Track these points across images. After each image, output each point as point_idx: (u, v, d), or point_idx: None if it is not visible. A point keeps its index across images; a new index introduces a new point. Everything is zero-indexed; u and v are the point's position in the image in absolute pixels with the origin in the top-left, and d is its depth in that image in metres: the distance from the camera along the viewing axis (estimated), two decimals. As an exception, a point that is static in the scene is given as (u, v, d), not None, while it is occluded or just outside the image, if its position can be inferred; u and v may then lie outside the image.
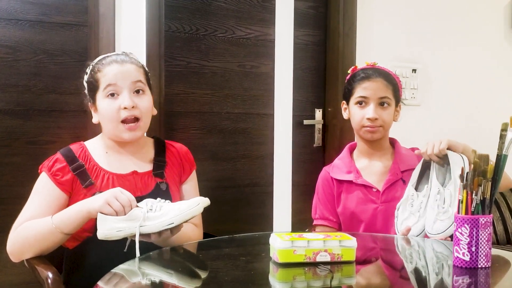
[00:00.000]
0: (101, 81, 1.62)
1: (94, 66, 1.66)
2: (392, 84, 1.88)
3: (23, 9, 2.09)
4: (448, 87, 2.99)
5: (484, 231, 1.26)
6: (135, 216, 1.42)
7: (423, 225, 1.66)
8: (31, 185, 1.63)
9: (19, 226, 1.54)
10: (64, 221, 1.48)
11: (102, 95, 1.62)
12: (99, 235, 1.43)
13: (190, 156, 1.79)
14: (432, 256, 1.55)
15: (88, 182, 1.59)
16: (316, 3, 2.74)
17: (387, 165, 1.89)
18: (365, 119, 1.83)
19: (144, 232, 1.42)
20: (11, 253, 1.55)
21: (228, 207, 2.52)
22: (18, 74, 2.09)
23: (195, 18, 2.44)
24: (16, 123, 2.09)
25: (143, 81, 1.66)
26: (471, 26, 3.05)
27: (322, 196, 1.94)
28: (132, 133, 1.62)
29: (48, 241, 1.50)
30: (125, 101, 1.59)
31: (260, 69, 2.60)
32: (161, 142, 1.77)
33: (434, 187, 1.68)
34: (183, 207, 1.45)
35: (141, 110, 1.63)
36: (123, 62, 1.64)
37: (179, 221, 1.43)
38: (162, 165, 1.70)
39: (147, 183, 1.65)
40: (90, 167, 1.62)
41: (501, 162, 1.33)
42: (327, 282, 1.24)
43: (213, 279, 1.31)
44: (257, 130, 2.60)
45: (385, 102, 1.85)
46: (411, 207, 1.70)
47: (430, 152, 1.69)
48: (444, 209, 1.62)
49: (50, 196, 1.57)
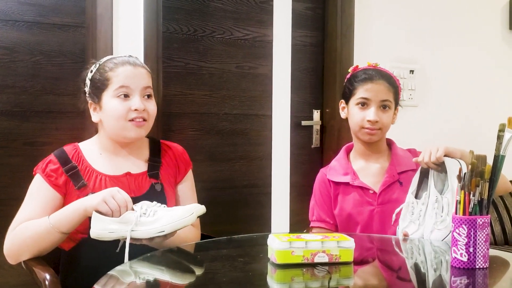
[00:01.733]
0: (113, 81, 1.61)
1: (104, 64, 1.65)
2: (394, 87, 1.87)
3: (20, 10, 2.08)
4: (445, 88, 2.99)
5: (482, 231, 1.26)
6: (128, 220, 1.42)
7: (423, 233, 1.66)
8: (28, 186, 1.62)
9: (15, 228, 1.54)
10: (61, 220, 1.48)
11: (111, 94, 1.61)
12: (92, 233, 1.43)
13: (186, 156, 1.78)
14: (430, 257, 1.55)
15: (80, 184, 1.59)
16: (314, 4, 2.74)
17: (383, 166, 1.89)
18: (365, 120, 1.83)
19: (135, 237, 1.42)
20: (8, 255, 1.55)
21: (226, 208, 2.51)
22: (15, 75, 2.08)
23: (193, 19, 2.44)
24: (14, 124, 2.09)
25: (152, 86, 1.68)
26: (469, 27, 3.06)
27: (319, 198, 1.93)
28: (138, 130, 1.62)
29: (45, 241, 1.50)
30: (137, 103, 1.60)
31: (258, 70, 2.60)
32: (156, 142, 1.76)
33: (432, 195, 1.67)
34: (176, 216, 1.44)
35: (149, 114, 1.65)
36: (136, 65, 1.65)
37: (170, 229, 1.43)
38: (157, 166, 1.70)
39: (142, 184, 1.65)
40: (83, 168, 1.62)
41: (499, 162, 1.33)
42: (325, 283, 1.24)
43: (211, 280, 1.31)
44: (255, 131, 2.60)
45: (386, 105, 1.84)
46: (412, 215, 1.69)
47: (427, 160, 1.68)
48: (442, 217, 1.62)
49: (45, 198, 1.57)
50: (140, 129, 1.63)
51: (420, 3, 2.91)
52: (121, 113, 1.60)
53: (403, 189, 1.79)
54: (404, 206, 1.73)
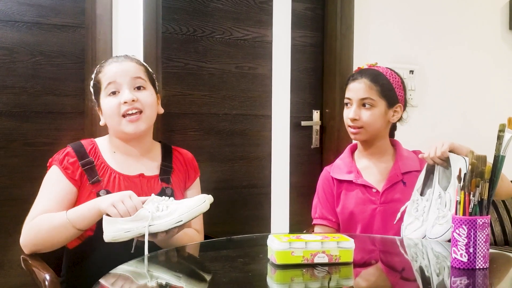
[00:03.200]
0: (102, 81, 1.64)
1: (97, 69, 1.69)
2: (379, 84, 1.84)
3: (20, 10, 2.08)
4: (445, 88, 2.99)
5: (482, 232, 1.26)
6: (143, 216, 1.42)
7: (426, 229, 1.66)
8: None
9: (33, 218, 1.54)
10: (79, 216, 1.49)
11: (104, 94, 1.64)
12: (106, 238, 1.43)
13: (195, 163, 1.81)
14: (431, 257, 1.55)
15: (95, 179, 1.60)
16: (313, 5, 2.74)
17: (387, 166, 1.89)
18: (348, 119, 1.86)
19: (153, 231, 1.43)
20: (24, 244, 1.56)
21: (226, 209, 2.51)
22: (15, 76, 2.08)
23: (192, 20, 2.44)
24: (13, 124, 2.09)
25: (144, 77, 1.66)
26: (468, 28, 3.06)
27: (322, 196, 1.94)
28: (134, 125, 1.62)
29: (60, 235, 1.50)
30: (125, 95, 1.60)
31: (257, 70, 2.60)
32: (168, 148, 1.78)
33: (436, 191, 1.68)
34: (190, 205, 1.45)
35: (143, 103, 1.63)
36: (122, 61, 1.66)
37: (187, 218, 1.44)
38: (169, 171, 1.71)
39: (153, 186, 1.66)
40: (98, 163, 1.63)
41: (499, 163, 1.33)
42: (325, 284, 1.24)
43: (211, 280, 1.31)
44: (255, 132, 2.60)
45: (367, 103, 1.83)
46: (416, 211, 1.70)
47: (432, 155, 1.69)
48: (443, 213, 1.62)
49: (61, 190, 1.58)
50: (137, 123, 1.62)
51: (420, 3, 2.91)
52: (113, 109, 1.61)
53: (407, 189, 1.80)
54: (409, 203, 1.74)
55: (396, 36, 2.85)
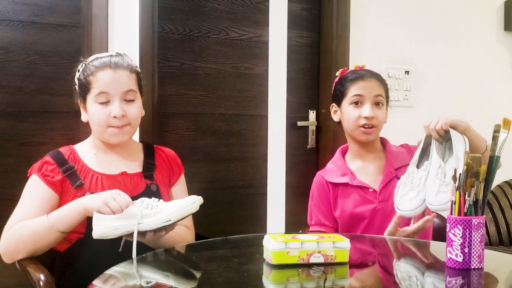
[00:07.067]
0: (93, 86, 1.62)
1: (87, 66, 1.65)
2: (384, 84, 1.91)
3: (15, 9, 2.08)
4: (441, 89, 3.00)
5: (477, 232, 1.27)
6: (132, 214, 1.42)
7: (423, 199, 1.64)
8: (23, 186, 1.62)
9: (12, 227, 1.53)
10: (61, 219, 1.48)
11: (93, 99, 1.62)
12: (94, 234, 1.43)
13: (178, 160, 1.81)
14: (426, 257, 1.55)
15: (78, 183, 1.59)
16: (309, 5, 2.75)
17: (380, 165, 1.89)
18: (362, 118, 1.83)
19: (142, 229, 1.42)
20: (4, 253, 1.54)
21: (222, 209, 2.51)
22: (10, 75, 2.07)
23: (189, 19, 2.43)
24: (8, 124, 2.08)
25: (135, 89, 1.66)
26: (464, 28, 3.07)
27: (317, 201, 1.92)
28: (119, 137, 1.64)
29: (43, 240, 1.50)
30: (115, 110, 1.60)
31: (253, 70, 2.60)
32: (150, 146, 1.79)
33: (435, 162, 1.67)
34: (180, 205, 1.45)
35: (130, 117, 1.64)
36: (116, 67, 1.63)
37: (176, 218, 1.43)
38: (152, 167, 1.72)
39: (137, 184, 1.66)
40: (79, 168, 1.63)
41: (494, 163, 1.34)
42: (320, 284, 1.24)
43: (207, 280, 1.31)
44: (251, 132, 2.60)
45: (380, 101, 1.86)
46: (411, 183, 1.70)
47: (432, 126, 1.70)
48: (446, 181, 1.62)
49: (42, 198, 1.57)
50: (123, 135, 1.64)
51: (416, 4, 2.92)
52: (101, 119, 1.62)
53: None
54: (404, 176, 1.73)
55: (392, 36, 2.85)
